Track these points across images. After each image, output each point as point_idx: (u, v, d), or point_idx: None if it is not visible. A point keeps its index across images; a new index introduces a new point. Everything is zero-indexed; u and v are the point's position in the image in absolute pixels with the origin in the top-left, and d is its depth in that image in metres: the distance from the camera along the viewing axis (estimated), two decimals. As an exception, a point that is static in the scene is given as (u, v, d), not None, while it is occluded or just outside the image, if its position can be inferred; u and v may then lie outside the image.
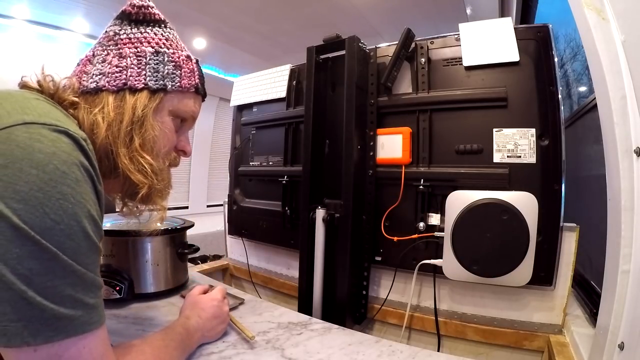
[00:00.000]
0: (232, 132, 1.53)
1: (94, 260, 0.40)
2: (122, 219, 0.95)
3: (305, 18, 2.58)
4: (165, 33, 0.55)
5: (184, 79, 0.54)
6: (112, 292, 0.83)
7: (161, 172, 0.53)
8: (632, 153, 0.59)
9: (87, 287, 0.38)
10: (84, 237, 0.38)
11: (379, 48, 1.11)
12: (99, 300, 0.40)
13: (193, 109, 0.58)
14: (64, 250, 0.36)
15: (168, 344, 0.56)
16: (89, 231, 0.38)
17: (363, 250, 1.07)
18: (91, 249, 0.39)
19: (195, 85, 0.56)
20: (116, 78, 0.50)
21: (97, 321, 0.39)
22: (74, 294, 0.37)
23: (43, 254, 0.35)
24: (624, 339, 0.59)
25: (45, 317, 0.35)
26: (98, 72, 0.50)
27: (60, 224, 0.36)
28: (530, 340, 0.90)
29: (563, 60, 1.61)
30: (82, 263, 0.37)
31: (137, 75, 0.51)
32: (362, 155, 1.07)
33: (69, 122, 0.42)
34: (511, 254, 0.83)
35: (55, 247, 0.35)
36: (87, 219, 0.38)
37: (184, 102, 0.56)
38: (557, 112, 0.86)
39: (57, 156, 0.37)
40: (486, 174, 0.92)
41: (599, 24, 0.64)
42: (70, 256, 0.36)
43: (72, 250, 0.36)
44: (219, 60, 3.50)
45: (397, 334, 1.04)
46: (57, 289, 0.35)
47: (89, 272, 0.38)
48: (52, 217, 0.35)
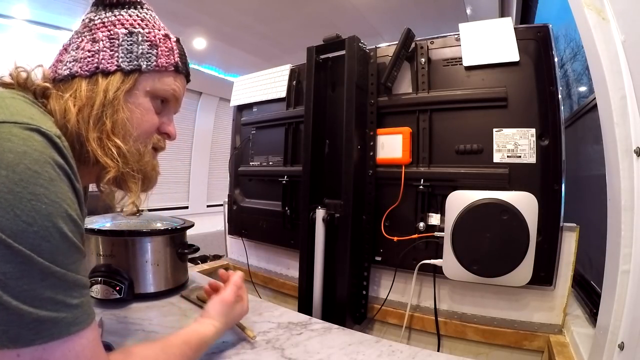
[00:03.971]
0: (232, 132, 1.53)
1: (75, 260, 0.38)
2: (122, 219, 0.96)
3: (305, 18, 2.58)
4: (140, 14, 0.53)
5: (160, 58, 0.53)
6: (112, 292, 0.83)
7: (132, 156, 0.51)
8: (632, 153, 0.60)
9: (69, 288, 0.37)
10: (61, 238, 0.36)
11: (379, 48, 1.11)
12: (84, 299, 0.39)
13: (173, 88, 0.55)
14: (39, 252, 0.34)
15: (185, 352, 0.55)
16: (66, 231, 0.37)
17: (363, 250, 1.07)
18: (71, 249, 0.38)
19: (175, 64, 0.54)
20: (88, 63, 0.49)
21: (83, 321, 0.38)
22: (54, 295, 0.35)
23: (16, 258, 0.33)
24: (624, 339, 0.59)
25: (25, 321, 0.34)
26: (72, 59, 0.49)
27: (33, 226, 0.34)
28: (530, 340, 0.90)
29: (563, 60, 1.61)
30: (61, 264, 0.36)
31: (110, 57, 0.49)
32: (362, 155, 1.07)
33: (44, 119, 0.41)
34: (511, 254, 0.83)
35: (30, 250, 0.34)
36: (63, 219, 0.37)
37: (163, 81, 0.54)
38: (557, 112, 0.86)
39: (29, 155, 0.35)
40: (486, 174, 0.92)
41: (599, 24, 0.64)
42: (47, 258, 0.35)
43: (48, 252, 0.35)
44: (219, 60, 3.50)
45: (397, 334, 1.04)
46: (35, 292, 0.34)
47: (70, 272, 0.37)
48: (24, 220, 0.34)
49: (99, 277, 0.83)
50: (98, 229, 0.87)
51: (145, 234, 0.90)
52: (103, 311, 0.80)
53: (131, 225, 0.92)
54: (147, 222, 0.97)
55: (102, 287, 0.83)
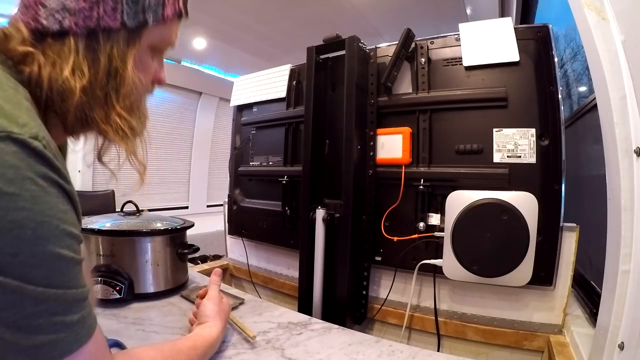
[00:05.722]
0: (232, 132, 1.53)
1: (74, 274, 0.35)
2: (122, 219, 0.96)
3: (305, 18, 2.58)
4: None
5: (167, 8, 0.44)
6: (112, 292, 0.83)
7: (141, 124, 0.46)
8: (632, 153, 0.59)
9: (68, 307, 0.34)
10: (55, 259, 0.33)
11: (379, 48, 1.11)
12: (85, 311, 0.36)
13: (174, 39, 0.48)
14: (30, 280, 0.31)
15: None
16: (59, 251, 0.33)
17: (363, 250, 1.07)
18: (68, 265, 0.34)
19: (179, 12, 0.46)
20: (85, 17, 0.38)
21: (84, 335, 0.35)
22: (50, 318, 0.33)
23: (5, 290, 0.30)
24: (624, 339, 0.59)
25: (22, 348, 0.32)
26: (60, 7, 0.38)
27: (19, 256, 0.30)
28: (530, 340, 0.90)
29: (563, 60, 1.61)
30: (57, 285, 0.33)
31: (112, 11, 0.39)
32: (362, 155, 1.07)
33: (16, 107, 0.33)
34: (511, 254, 0.83)
35: (19, 280, 0.30)
36: (55, 238, 0.33)
37: (166, 33, 0.47)
38: (557, 112, 0.86)
39: (1, 176, 0.30)
40: (486, 174, 0.92)
41: (599, 24, 0.64)
42: (40, 283, 0.32)
43: (41, 278, 0.32)
44: (219, 60, 3.51)
45: (397, 334, 1.04)
46: (29, 320, 0.32)
47: (70, 289, 0.34)
48: (8, 251, 0.30)
49: (99, 277, 0.83)
50: (98, 229, 0.87)
51: (145, 234, 0.90)
52: (103, 311, 0.80)
53: (131, 225, 0.92)
54: (147, 222, 0.97)
55: (102, 287, 0.82)
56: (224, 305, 0.71)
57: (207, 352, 0.59)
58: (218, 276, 0.76)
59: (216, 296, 0.71)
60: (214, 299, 0.70)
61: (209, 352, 0.60)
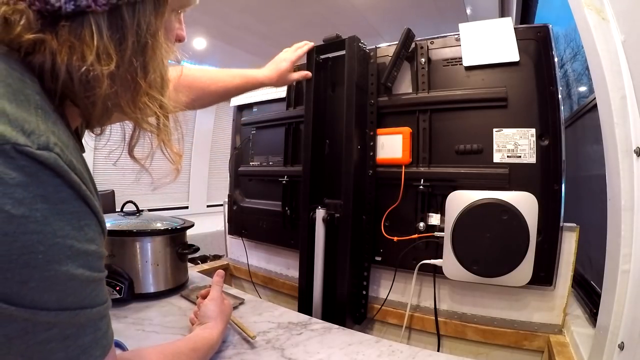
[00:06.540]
0: (232, 132, 1.53)
1: (88, 293, 0.33)
2: (123, 219, 0.96)
3: (305, 18, 2.58)
4: None
5: None
6: (112, 292, 0.83)
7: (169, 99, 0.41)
8: (632, 153, 0.60)
9: (81, 328, 0.32)
10: (68, 279, 0.30)
11: (379, 48, 1.11)
12: (100, 331, 0.34)
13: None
14: (42, 305, 0.29)
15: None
16: (74, 271, 0.30)
17: (363, 250, 1.07)
18: (82, 285, 0.32)
19: None
20: None
21: (98, 356, 0.34)
22: (62, 342, 0.31)
23: (17, 319, 0.28)
24: (624, 339, 0.59)
25: None
26: None
27: (30, 282, 0.28)
28: (530, 340, 0.90)
29: (563, 60, 1.61)
30: (70, 306, 0.31)
31: None
32: (362, 155, 1.07)
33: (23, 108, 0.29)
34: (511, 254, 0.83)
35: (31, 307, 0.28)
36: (69, 259, 0.30)
37: None
38: (557, 112, 0.86)
39: (6, 200, 0.26)
40: (486, 174, 0.92)
41: (599, 24, 0.64)
42: (52, 307, 0.30)
43: (54, 301, 0.30)
44: (219, 60, 3.50)
45: (397, 334, 1.04)
46: (42, 345, 0.30)
47: (84, 309, 0.32)
48: (18, 280, 0.27)
49: (99, 277, 0.83)
50: (98, 229, 0.87)
51: (145, 234, 0.90)
52: (103, 311, 0.80)
53: (131, 225, 0.92)
54: (147, 222, 0.97)
55: (102, 287, 0.83)
56: (226, 306, 0.71)
57: (207, 353, 0.59)
58: (221, 277, 0.76)
59: (218, 297, 0.71)
60: (216, 300, 0.70)
61: (209, 354, 0.60)
